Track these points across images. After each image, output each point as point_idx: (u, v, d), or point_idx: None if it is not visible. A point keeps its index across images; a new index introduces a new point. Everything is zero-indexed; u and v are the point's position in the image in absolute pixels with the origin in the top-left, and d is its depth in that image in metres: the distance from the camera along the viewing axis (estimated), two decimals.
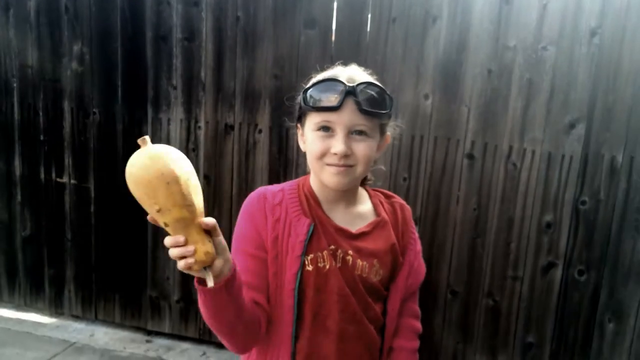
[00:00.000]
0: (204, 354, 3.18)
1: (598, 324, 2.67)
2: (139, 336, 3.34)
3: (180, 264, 0.94)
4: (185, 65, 3.01)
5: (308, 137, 1.20)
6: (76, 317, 3.49)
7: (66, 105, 3.25)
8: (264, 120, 2.94)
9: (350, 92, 1.12)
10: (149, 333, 3.36)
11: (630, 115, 2.49)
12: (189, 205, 0.94)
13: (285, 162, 2.93)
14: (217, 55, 2.96)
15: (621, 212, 2.56)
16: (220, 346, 3.22)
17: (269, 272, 1.19)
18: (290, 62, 2.85)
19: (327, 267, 1.18)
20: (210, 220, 0.96)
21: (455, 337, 2.85)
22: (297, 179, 1.32)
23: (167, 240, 0.94)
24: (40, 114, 3.30)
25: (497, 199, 2.70)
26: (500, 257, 2.74)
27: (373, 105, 1.15)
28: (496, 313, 2.79)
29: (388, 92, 1.19)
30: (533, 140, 2.62)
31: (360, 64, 1.29)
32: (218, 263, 0.96)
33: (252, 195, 1.25)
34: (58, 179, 3.33)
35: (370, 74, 1.24)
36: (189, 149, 3.07)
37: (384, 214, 1.30)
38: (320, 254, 1.18)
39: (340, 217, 1.24)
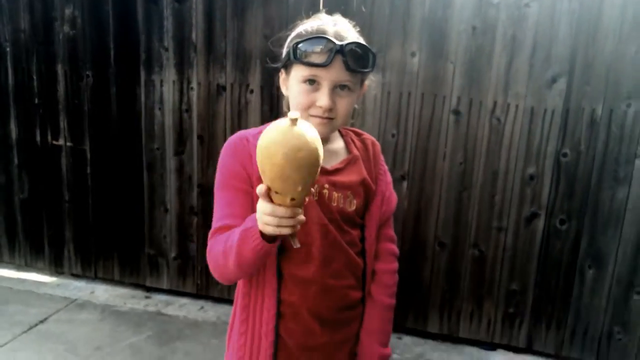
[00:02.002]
0: (202, 307, 3.30)
1: (579, 270, 2.80)
2: (139, 292, 3.45)
3: (284, 232, 1.02)
4: (176, 27, 3.06)
5: (293, 87, 1.27)
6: (76, 276, 3.60)
7: (59, 69, 3.29)
8: (255, 80, 3.01)
9: (339, 51, 1.19)
10: (148, 289, 3.48)
11: (609, 69, 2.58)
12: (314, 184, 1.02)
13: None
14: (208, 16, 3.01)
15: (600, 163, 2.67)
16: (217, 300, 3.36)
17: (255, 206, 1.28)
18: (280, 22, 2.91)
19: (307, 200, 1.28)
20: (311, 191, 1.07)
21: (443, 287, 2.98)
22: (270, 123, 1.40)
23: (284, 212, 1.00)
24: (34, 77, 3.35)
25: (482, 153, 2.80)
26: (486, 209, 2.86)
27: (358, 63, 1.22)
28: (482, 263, 2.92)
29: (372, 49, 1.26)
30: (516, 96, 2.70)
31: (354, 24, 1.35)
32: None
33: (233, 137, 1.33)
34: (54, 142, 3.40)
35: (354, 27, 1.31)
36: (182, 110, 3.14)
37: (355, 151, 1.40)
38: None
39: None
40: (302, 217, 1.02)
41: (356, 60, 1.21)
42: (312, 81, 1.23)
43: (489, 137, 2.78)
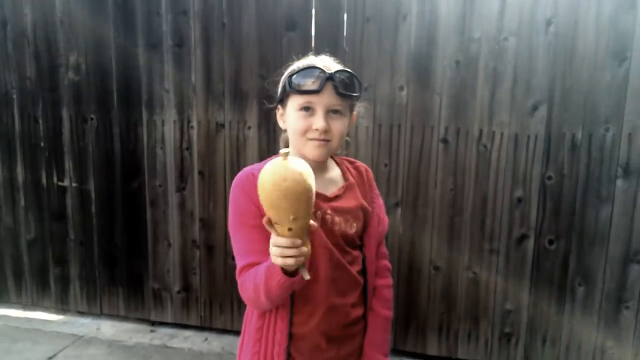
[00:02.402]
0: (206, 339, 3.38)
1: (569, 288, 2.91)
2: (144, 327, 3.54)
3: (289, 262, 1.14)
4: (176, 70, 3.23)
5: (290, 117, 1.42)
6: (82, 313, 3.68)
7: (64, 113, 3.44)
8: (252, 117, 3.16)
9: (329, 78, 1.35)
10: (153, 323, 3.56)
11: (587, 96, 2.74)
12: (310, 215, 1.13)
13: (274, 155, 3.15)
14: (206, 59, 3.17)
15: (584, 185, 2.81)
16: (220, 331, 3.44)
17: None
18: (274, 62, 3.07)
19: (315, 225, 1.41)
20: (315, 225, 1.18)
21: (440, 308, 3.08)
22: (274, 156, 1.54)
23: (284, 242, 1.13)
24: (40, 122, 3.50)
25: (471, 179, 2.94)
26: (477, 232, 2.98)
27: (347, 89, 1.38)
28: (476, 284, 3.03)
29: (359, 78, 1.42)
30: (501, 124, 2.86)
31: (339, 61, 1.51)
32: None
33: (241, 175, 1.45)
34: (59, 183, 3.53)
35: (339, 63, 1.47)
36: (183, 148, 3.28)
37: (351, 179, 1.54)
38: None
39: (318, 183, 1.47)
40: (304, 249, 1.14)
41: (345, 85, 1.37)
42: (307, 108, 1.37)
43: (476, 163, 2.93)
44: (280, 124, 1.50)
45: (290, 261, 1.13)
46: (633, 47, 2.66)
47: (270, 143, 3.15)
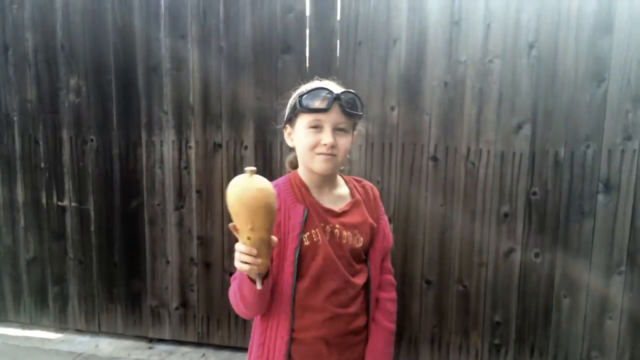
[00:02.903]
0: (204, 355, 3.44)
1: (555, 299, 3.03)
2: (142, 344, 3.59)
3: (244, 268, 1.28)
4: (174, 92, 3.34)
5: (300, 134, 1.54)
6: (80, 331, 3.73)
7: (65, 135, 3.53)
8: (249, 137, 3.27)
9: (336, 98, 1.48)
10: (151, 340, 3.62)
11: (568, 115, 2.89)
12: (270, 230, 1.27)
13: (271, 173, 3.26)
14: (204, 81, 3.29)
15: (567, 200, 2.95)
16: (218, 347, 3.50)
17: (274, 251, 1.50)
18: (270, 84, 3.20)
19: (320, 240, 1.52)
20: (275, 239, 1.31)
21: (432, 321, 3.18)
22: (286, 175, 1.66)
23: (243, 248, 1.26)
24: (41, 143, 3.58)
25: (460, 195, 3.07)
26: (467, 246, 3.10)
27: (352, 108, 1.52)
28: (466, 297, 3.13)
29: (360, 98, 1.56)
30: (487, 142, 3.00)
31: (341, 84, 1.64)
32: (266, 270, 1.35)
33: None
34: (59, 203, 3.60)
35: (342, 86, 1.59)
36: (181, 168, 3.38)
37: (358, 196, 1.66)
38: (314, 230, 1.52)
39: (326, 200, 1.59)
40: (259, 260, 1.27)
41: (350, 105, 1.51)
42: (316, 126, 1.49)
43: (465, 180, 3.05)
44: (288, 142, 1.61)
45: (245, 267, 1.27)
46: (610, 69, 2.81)
47: (267, 161, 3.26)
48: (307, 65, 3.14)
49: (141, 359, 3.40)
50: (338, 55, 3.10)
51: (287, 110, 1.59)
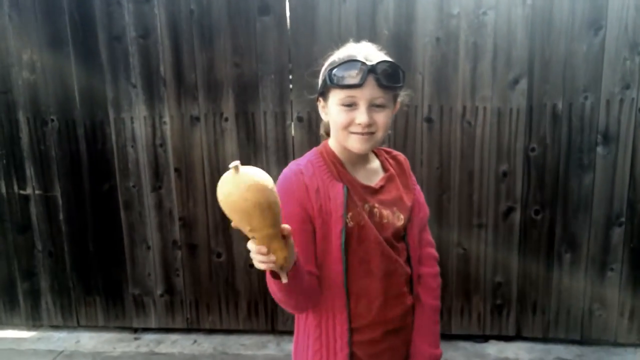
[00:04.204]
0: (195, 341, 3.27)
1: (556, 256, 2.99)
2: (126, 335, 3.37)
3: (262, 267, 1.11)
4: (143, 63, 3.05)
5: (332, 110, 1.34)
6: (56, 327, 3.46)
7: (21, 116, 3.20)
8: (229, 108, 3.04)
9: (371, 70, 1.27)
10: (135, 330, 3.41)
11: (565, 66, 2.79)
12: (275, 222, 1.07)
13: (255, 146, 3.05)
14: (175, 50, 3.02)
15: (566, 154, 2.87)
16: (209, 332, 3.33)
17: (317, 236, 1.34)
18: (249, 49, 2.96)
19: (364, 221, 1.35)
20: (287, 227, 1.11)
21: None
22: (316, 148, 1.46)
23: (252, 248, 1.09)
24: None
25: (457, 156, 2.95)
26: (465, 208, 3.00)
27: (390, 80, 1.30)
28: (466, 260, 3.05)
29: (401, 67, 1.34)
30: (483, 99, 2.87)
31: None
32: (290, 261, 1.14)
33: (287, 173, 1.38)
34: (21, 191, 3.29)
35: (381, 50, 1.40)
36: (156, 145, 3.12)
37: (391, 169, 1.49)
38: (357, 211, 1.35)
39: (362, 175, 1.42)
40: (272, 257, 1.09)
41: (387, 77, 1.29)
42: (349, 104, 1.30)
43: (461, 140, 2.93)
44: (323, 115, 1.42)
45: (262, 266, 1.12)
46: (607, 16, 2.72)
47: (250, 134, 3.04)
48: (289, 26, 2.91)
49: (128, 351, 3.19)
50: (321, 13, 2.88)
51: (319, 82, 1.39)
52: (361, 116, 1.29)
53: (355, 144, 1.33)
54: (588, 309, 3.02)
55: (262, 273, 1.25)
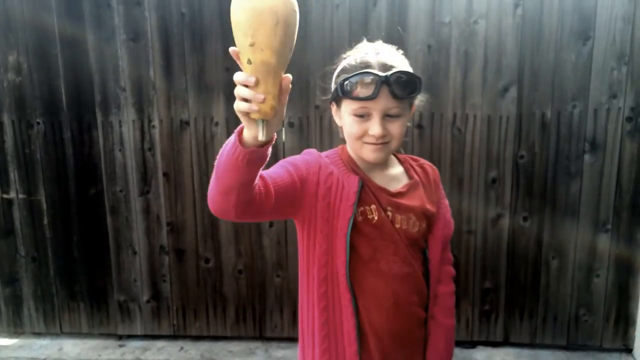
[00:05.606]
0: (182, 348, 3.22)
1: (544, 262, 3.02)
2: (111, 342, 3.31)
3: (241, 107, 0.95)
4: (132, 66, 3.01)
5: (346, 120, 1.32)
6: (38, 334, 3.38)
7: (6, 119, 3.13)
8: (219, 112, 3.01)
9: (384, 82, 1.22)
10: (120, 337, 3.34)
11: (554, 76, 2.83)
12: (281, 54, 0.92)
13: None
14: (165, 53, 2.99)
15: (554, 162, 2.91)
16: (196, 339, 3.29)
17: (322, 218, 1.31)
18: None
19: (376, 218, 1.33)
20: (289, 77, 0.98)
21: None
22: (334, 149, 1.45)
23: (239, 76, 0.95)
24: None
25: (447, 163, 2.96)
26: (455, 214, 2.97)
27: (405, 91, 1.25)
28: (456, 265, 3.00)
29: (417, 75, 1.29)
30: (473, 106, 2.90)
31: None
32: (275, 122, 1.01)
33: (310, 150, 1.40)
34: (4, 195, 3.21)
35: (397, 50, 1.38)
36: (145, 149, 3.08)
37: (416, 177, 1.45)
38: (368, 207, 1.33)
39: (379, 179, 1.39)
40: (259, 96, 0.93)
41: (402, 87, 1.24)
42: (361, 115, 1.27)
43: (451, 146, 2.95)
44: (337, 120, 1.40)
45: (242, 105, 0.95)
46: (596, 27, 2.76)
47: None
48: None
49: (113, 358, 3.13)
50: (313, 19, 2.88)
51: (332, 86, 1.37)
52: (374, 127, 1.26)
53: (369, 154, 1.31)
54: (574, 315, 3.05)
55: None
